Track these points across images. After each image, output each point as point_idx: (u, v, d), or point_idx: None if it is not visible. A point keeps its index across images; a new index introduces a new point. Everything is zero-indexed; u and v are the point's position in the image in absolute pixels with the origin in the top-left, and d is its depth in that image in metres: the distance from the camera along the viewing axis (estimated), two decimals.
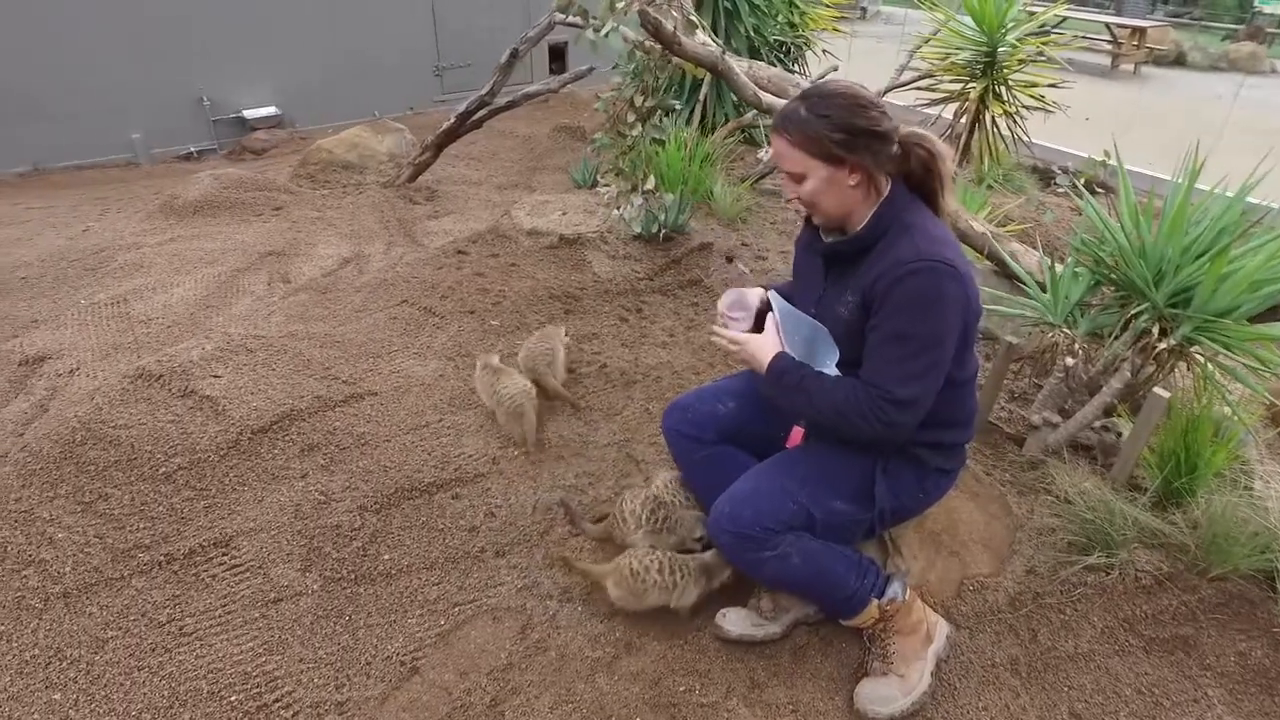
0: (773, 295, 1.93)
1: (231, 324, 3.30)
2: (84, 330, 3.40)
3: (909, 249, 1.68)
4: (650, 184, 3.52)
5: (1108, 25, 13.53)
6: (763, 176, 5.23)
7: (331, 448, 2.54)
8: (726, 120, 6.09)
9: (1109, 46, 13.23)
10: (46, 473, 2.35)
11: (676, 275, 3.90)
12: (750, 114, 6.06)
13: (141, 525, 2.23)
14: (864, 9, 19.06)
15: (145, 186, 5.88)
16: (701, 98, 6.04)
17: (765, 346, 1.85)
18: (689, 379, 3.15)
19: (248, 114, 7.19)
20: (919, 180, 1.80)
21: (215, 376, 2.65)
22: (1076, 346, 2.75)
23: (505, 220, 4.12)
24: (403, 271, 3.76)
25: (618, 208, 3.59)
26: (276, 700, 1.85)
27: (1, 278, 3.96)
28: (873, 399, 1.68)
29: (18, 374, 3.13)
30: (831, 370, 1.82)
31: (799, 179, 1.73)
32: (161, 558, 2.15)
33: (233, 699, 1.84)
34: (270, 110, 7.28)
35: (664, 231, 3.97)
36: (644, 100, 3.38)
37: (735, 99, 6.55)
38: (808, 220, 1.97)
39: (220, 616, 2.03)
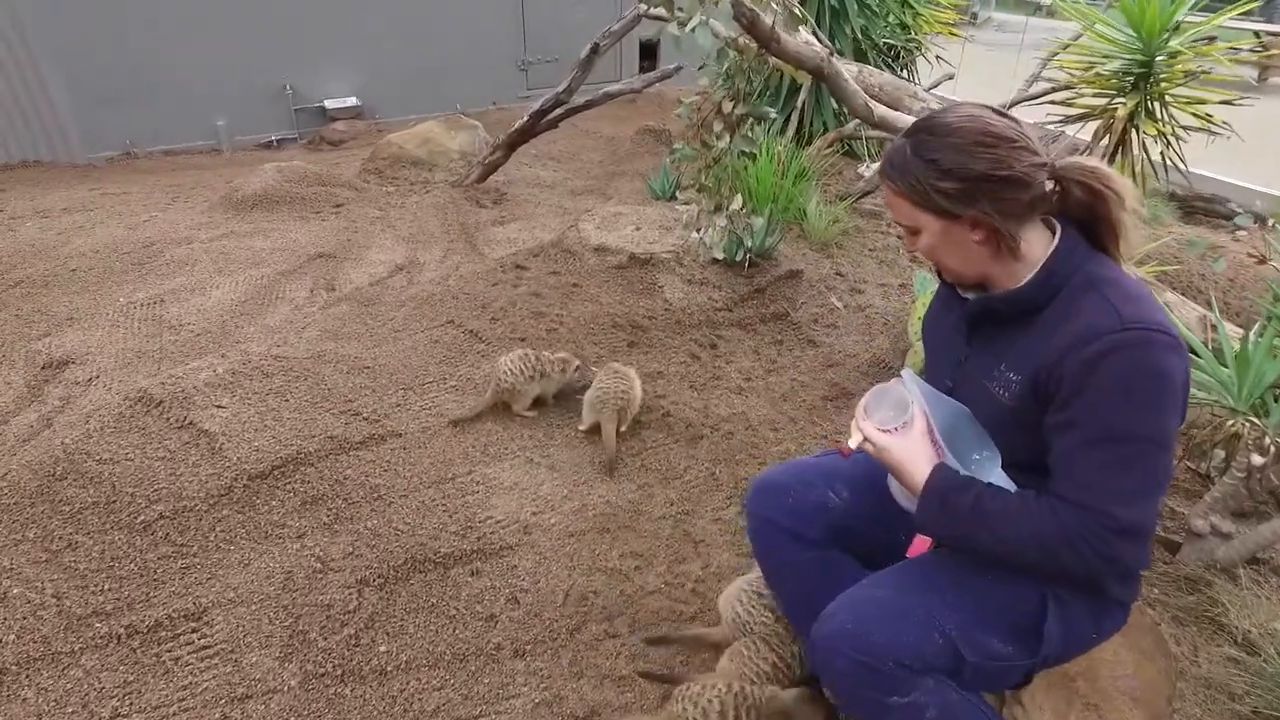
0: (907, 374, 1.42)
1: (258, 338, 3.00)
2: (114, 333, 3.17)
3: (1105, 313, 1.21)
4: (737, 204, 3.05)
5: (1256, 33, 12.23)
6: (863, 195, 4.68)
7: (338, 501, 2.18)
8: (825, 130, 5.55)
9: (1255, 56, 11.94)
10: (20, 510, 2.07)
11: (759, 307, 3.43)
12: (852, 123, 5.51)
13: (107, 586, 1.91)
14: (974, 14, 17.94)
15: (219, 175, 5.76)
16: (798, 105, 5.52)
17: (915, 455, 1.34)
18: (765, 435, 2.67)
19: (328, 104, 7.05)
20: (1079, 226, 1.31)
21: (218, 406, 2.33)
22: (1268, 442, 2.16)
23: (572, 233, 3.72)
24: (454, 285, 3.41)
25: (697, 229, 3.13)
26: None
27: (53, 269, 3.81)
28: (1088, 526, 1.19)
29: (39, 378, 2.91)
30: (996, 475, 1.33)
31: (913, 232, 1.36)
32: (121, 630, 1.82)
33: None
34: (351, 101, 7.13)
35: (749, 256, 3.50)
36: (734, 106, 2.91)
37: (836, 106, 6.00)
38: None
39: (174, 715, 1.68)
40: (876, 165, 5.04)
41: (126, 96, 6.33)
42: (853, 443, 1.40)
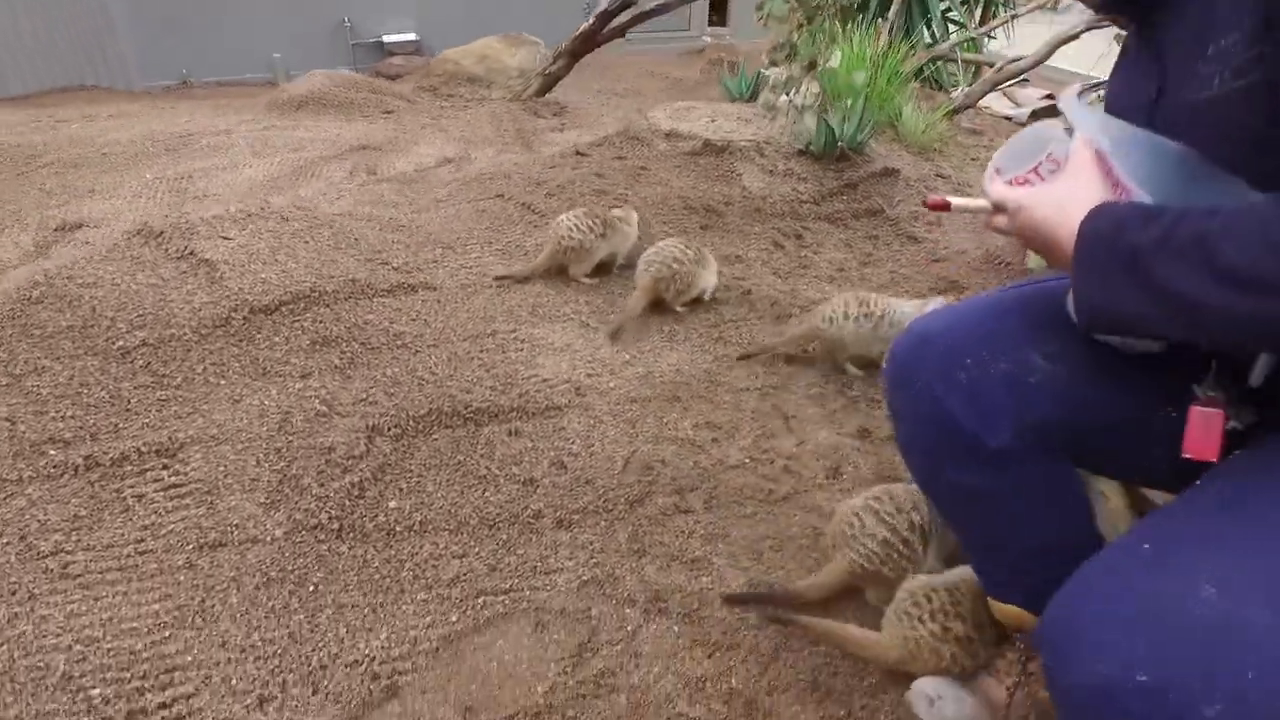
0: (1069, 100, 0.92)
1: (285, 201, 2.67)
2: (135, 202, 2.89)
3: None
4: (835, 59, 2.60)
5: None
6: (961, 109, 4.19)
7: (354, 345, 1.81)
8: (914, 52, 5.06)
9: None
10: None
11: (850, 202, 2.97)
12: (945, 44, 5.02)
13: (70, 413, 1.57)
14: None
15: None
16: (888, 26, 5.03)
17: (1076, 197, 0.81)
18: None
19: (386, 39, 6.80)
20: None
21: (225, 238, 1.99)
22: None
23: (640, 121, 3.32)
24: (507, 168, 3.03)
25: (786, 92, 2.70)
26: (161, 705, 1.12)
27: (84, 153, 3.56)
28: None
29: (49, 239, 2.64)
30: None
31: None
32: (79, 460, 1.48)
33: (94, 693, 1.12)
34: (410, 36, 6.86)
35: (841, 147, 3.04)
36: None
37: (928, 35, 5.50)
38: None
39: (129, 557, 1.33)
40: (968, 88, 4.55)
41: (186, 26, 6.19)
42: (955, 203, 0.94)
